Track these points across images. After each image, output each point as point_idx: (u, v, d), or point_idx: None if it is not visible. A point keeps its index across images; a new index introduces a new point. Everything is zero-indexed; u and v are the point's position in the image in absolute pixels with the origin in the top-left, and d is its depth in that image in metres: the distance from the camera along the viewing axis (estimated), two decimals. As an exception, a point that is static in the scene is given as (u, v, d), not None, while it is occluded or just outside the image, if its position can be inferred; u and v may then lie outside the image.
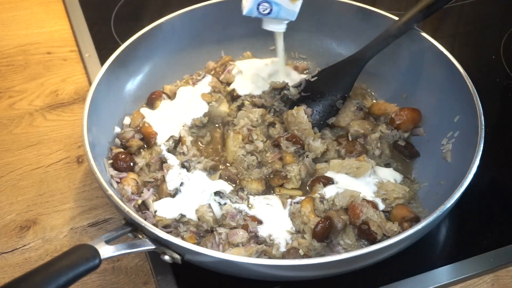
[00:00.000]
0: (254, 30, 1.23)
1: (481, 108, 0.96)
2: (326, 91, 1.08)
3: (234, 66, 1.16)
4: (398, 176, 1.01)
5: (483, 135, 0.92)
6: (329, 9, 1.19)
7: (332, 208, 0.94)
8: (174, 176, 0.99)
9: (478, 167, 0.88)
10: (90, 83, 1.24)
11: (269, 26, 1.07)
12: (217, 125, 1.11)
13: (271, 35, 1.23)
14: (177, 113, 1.10)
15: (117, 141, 1.05)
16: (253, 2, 1.00)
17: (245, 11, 1.02)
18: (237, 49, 1.23)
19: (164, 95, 1.13)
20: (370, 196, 0.95)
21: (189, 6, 1.17)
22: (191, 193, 0.97)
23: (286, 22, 1.06)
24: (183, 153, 1.04)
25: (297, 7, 1.02)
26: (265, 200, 0.98)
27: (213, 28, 1.21)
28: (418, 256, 0.94)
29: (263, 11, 1.01)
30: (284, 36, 1.12)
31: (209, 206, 0.93)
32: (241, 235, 0.91)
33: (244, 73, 1.15)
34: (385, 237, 0.90)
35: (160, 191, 0.99)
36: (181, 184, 0.97)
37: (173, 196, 0.97)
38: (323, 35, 1.22)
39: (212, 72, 1.17)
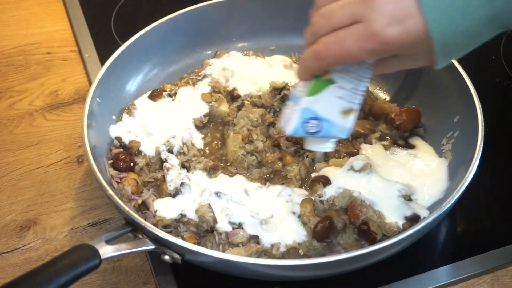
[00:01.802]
0: (255, 30, 1.24)
1: (481, 108, 0.96)
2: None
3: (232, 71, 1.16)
4: (398, 176, 1.01)
5: (483, 135, 0.92)
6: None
7: (332, 208, 0.94)
8: (174, 176, 0.99)
9: (478, 167, 0.88)
10: (90, 83, 1.24)
11: (314, 146, 0.88)
12: (217, 125, 1.11)
13: (272, 35, 1.23)
14: (177, 113, 1.10)
15: (116, 142, 1.05)
16: (298, 120, 0.81)
17: (289, 131, 0.82)
18: (238, 49, 1.23)
19: (165, 94, 1.13)
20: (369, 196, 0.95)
21: (189, 6, 1.17)
22: (191, 193, 0.97)
23: (335, 140, 0.87)
24: (183, 153, 1.04)
25: (349, 122, 0.82)
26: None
27: (214, 28, 1.21)
28: (418, 256, 0.94)
29: (311, 129, 0.81)
30: (285, 36, 1.12)
31: (209, 206, 0.93)
32: (241, 235, 0.91)
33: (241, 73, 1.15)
34: (385, 237, 0.90)
35: (160, 191, 0.99)
36: (181, 184, 0.97)
37: (173, 196, 0.97)
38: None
39: (210, 72, 1.17)
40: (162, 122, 1.08)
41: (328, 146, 0.87)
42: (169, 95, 1.13)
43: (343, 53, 0.70)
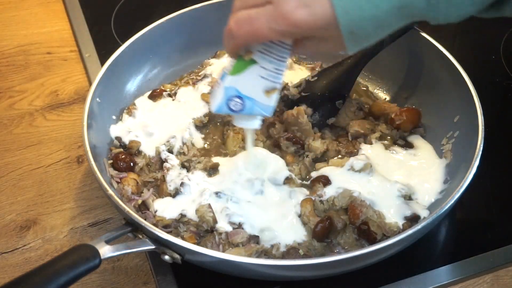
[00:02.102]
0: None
1: (481, 108, 0.96)
2: (326, 91, 1.08)
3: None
4: (398, 176, 1.01)
5: (483, 135, 0.92)
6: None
7: (332, 208, 0.94)
8: (174, 176, 0.99)
9: (478, 167, 0.88)
10: (90, 83, 1.24)
11: (241, 122, 0.91)
12: (217, 125, 1.10)
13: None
14: (177, 113, 1.10)
15: (116, 142, 1.05)
16: (223, 98, 0.83)
17: (213, 108, 0.85)
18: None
19: (165, 94, 1.13)
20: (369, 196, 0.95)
21: (189, 6, 1.17)
22: (191, 193, 0.97)
23: (260, 118, 0.90)
24: (183, 153, 1.04)
25: (272, 100, 0.84)
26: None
27: (214, 28, 1.20)
28: (418, 256, 0.94)
29: (234, 107, 0.84)
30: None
31: (209, 206, 0.93)
32: (241, 235, 0.91)
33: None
34: (385, 237, 0.90)
35: (160, 191, 0.99)
36: (181, 184, 0.97)
37: (173, 196, 0.97)
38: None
39: (210, 72, 1.17)
40: (162, 122, 1.08)
41: (254, 123, 0.90)
42: (169, 95, 1.13)
43: (254, 32, 0.72)
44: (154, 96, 1.12)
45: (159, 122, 1.08)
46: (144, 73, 1.16)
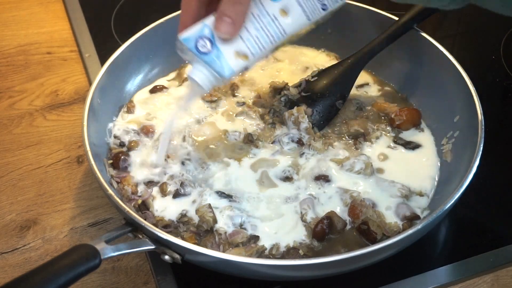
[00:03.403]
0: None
1: (481, 108, 0.96)
2: (326, 91, 1.08)
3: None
4: (398, 176, 1.01)
5: (483, 135, 0.92)
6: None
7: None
8: (174, 175, 0.99)
9: (478, 167, 0.88)
10: (90, 83, 1.24)
11: (196, 74, 0.83)
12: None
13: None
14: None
15: (116, 141, 1.04)
16: (196, 32, 0.79)
17: (181, 36, 0.80)
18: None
19: (165, 90, 1.14)
20: (369, 196, 0.95)
21: (189, 6, 1.17)
22: (191, 193, 0.97)
23: (215, 80, 0.83)
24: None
25: (237, 66, 0.81)
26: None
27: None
28: (418, 256, 0.94)
29: (200, 47, 0.79)
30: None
31: (209, 206, 0.93)
32: (241, 235, 0.91)
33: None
34: (385, 237, 0.90)
35: (160, 191, 0.99)
36: (181, 184, 0.97)
37: (174, 196, 0.97)
38: (322, 34, 1.22)
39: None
40: (162, 120, 1.08)
41: (205, 84, 0.83)
42: (169, 93, 1.13)
43: None
44: (155, 91, 1.14)
45: (159, 121, 1.08)
46: (144, 73, 1.16)
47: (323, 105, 1.08)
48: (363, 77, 1.11)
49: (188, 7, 0.82)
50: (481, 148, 0.91)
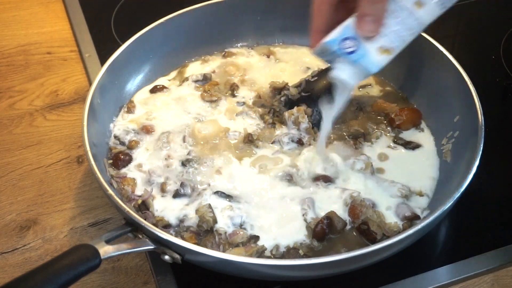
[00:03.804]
0: (256, 29, 1.24)
1: (481, 108, 0.96)
2: (326, 91, 1.08)
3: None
4: (398, 176, 1.01)
5: (483, 135, 0.92)
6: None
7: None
8: (174, 175, 0.99)
9: (478, 167, 0.88)
10: (90, 83, 1.24)
11: (341, 73, 0.87)
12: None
13: (273, 34, 1.23)
14: (177, 111, 1.10)
15: (116, 141, 1.05)
16: (339, 34, 0.84)
17: (325, 40, 0.85)
18: (238, 48, 1.23)
19: (165, 90, 1.13)
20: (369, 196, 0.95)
21: (190, 6, 1.17)
22: (191, 193, 0.97)
23: (361, 76, 0.88)
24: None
25: (383, 61, 0.86)
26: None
27: (214, 28, 1.21)
28: (418, 256, 0.94)
29: (346, 48, 0.84)
30: (286, 36, 1.11)
31: (209, 206, 0.93)
32: (241, 235, 0.91)
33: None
34: (385, 237, 0.90)
35: (161, 190, 0.98)
36: (181, 184, 0.97)
37: (174, 196, 0.97)
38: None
39: (213, 72, 1.18)
40: (162, 120, 1.08)
41: (353, 80, 0.88)
42: (170, 93, 1.13)
43: None
44: (155, 90, 1.13)
45: (159, 121, 1.08)
46: (144, 73, 1.16)
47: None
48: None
49: (320, 12, 0.88)
50: (481, 148, 0.90)
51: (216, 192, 0.96)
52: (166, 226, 0.93)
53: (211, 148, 1.05)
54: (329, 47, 0.85)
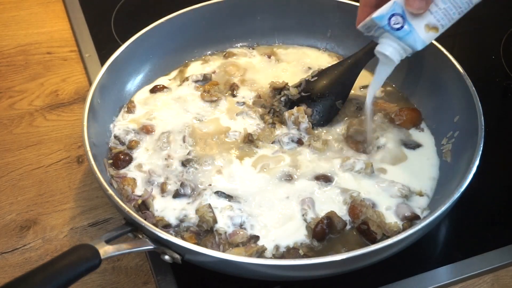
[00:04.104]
0: (255, 29, 1.24)
1: (481, 108, 0.96)
2: (326, 91, 1.08)
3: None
4: (398, 176, 1.01)
5: (483, 135, 0.92)
6: (328, 9, 1.19)
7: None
8: (174, 175, 0.99)
9: (478, 167, 0.88)
10: (90, 83, 1.24)
11: (386, 48, 0.90)
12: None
13: (273, 34, 1.22)
14: (177, 111, 1.10)
15: (116, 141, 1.05)
16: (388, 9, 0.86)
17: (375, 15, 0.86)
18: (239, 48, 1.23)
19: (166, 90, 1.14)
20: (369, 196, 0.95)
21: (190, 6, 1.17)
22: (191, 193, 0.97)
23: (406, 53, 0.91)
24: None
25: (429, 37, 0.88)
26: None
27: (214, 28, 1.21)
28: (418, 256, 0.94)
29: (394, 24, 0.86)
30: (285, 36, 1.11)
31: (209, 206, 0.93)
32: (241, 235, 0.91)
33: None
34: (385, 237, 0.90)
35: (161, 190, 0.99)
36: (181, 184, 0.97)
37: (174, 196, 0.97)
38: (323, 35, 1.22)
39: (210, 72, 1.18)
40: (162, 120, 1.08)
41: (395, 57, 0.90)
42: (170, 93, 1.13)
43: None
44: (155, 90, 1.14)
45: (159, 121, 1.08)
46: (144, 73, 1.16)
47: (323, 105, 1.08)
48: (367, 78, 1.11)
49: None
50: (481, 148, 0.91)
51: (216, 192, 0.96)
52: (166, 226, 0.93)
53: (211, 148, 1.05)
54: (377, 23, 0.87)
